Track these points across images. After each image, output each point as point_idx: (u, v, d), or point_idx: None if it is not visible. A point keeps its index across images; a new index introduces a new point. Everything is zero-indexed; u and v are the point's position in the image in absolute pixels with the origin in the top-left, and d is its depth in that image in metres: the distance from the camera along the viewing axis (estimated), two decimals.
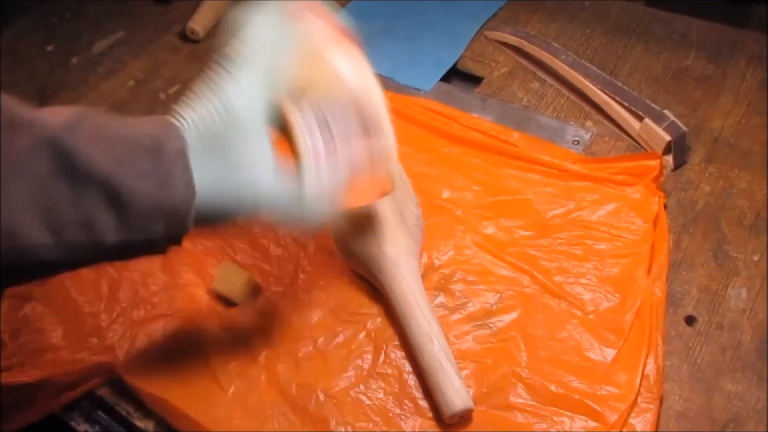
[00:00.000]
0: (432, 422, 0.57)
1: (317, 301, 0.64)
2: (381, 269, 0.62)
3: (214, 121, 0.47)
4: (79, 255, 0.44)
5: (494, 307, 0.63)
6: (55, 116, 0.44)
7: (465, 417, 0.56)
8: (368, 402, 0.58)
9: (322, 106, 0.50)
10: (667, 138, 0.72)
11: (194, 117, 0.47)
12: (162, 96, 0.88)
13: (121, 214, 0.43)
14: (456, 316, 0.63)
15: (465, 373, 0.59)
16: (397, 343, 0.61)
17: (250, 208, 0.48)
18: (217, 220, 0.48)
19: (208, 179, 0.46)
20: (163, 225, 0.45)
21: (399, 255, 0.62)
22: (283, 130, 0.50)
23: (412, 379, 0.59)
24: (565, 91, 0.82)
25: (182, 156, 0.45)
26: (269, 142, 0.48)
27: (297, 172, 0.48)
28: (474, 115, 0.79)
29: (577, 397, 0.56)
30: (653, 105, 0.75)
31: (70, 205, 0.42)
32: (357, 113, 0.51)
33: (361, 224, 0.65)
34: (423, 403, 0.58)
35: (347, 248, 0.64)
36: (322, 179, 0.49)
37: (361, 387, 0.59)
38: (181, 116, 0.47)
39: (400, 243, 0.63)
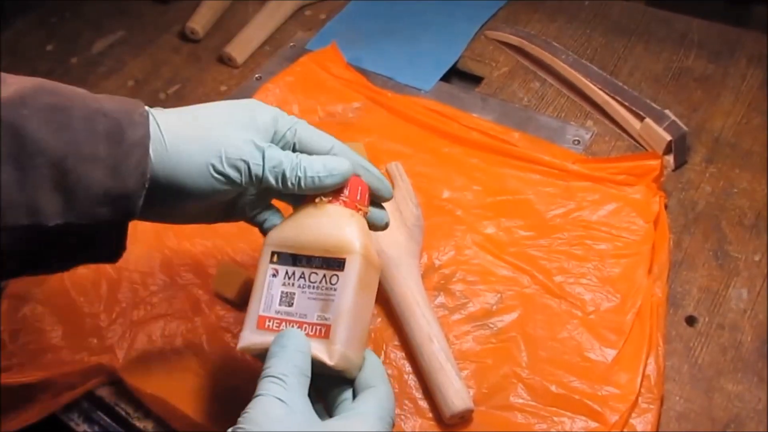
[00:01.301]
0: (432, 422, 0.57)
1: None
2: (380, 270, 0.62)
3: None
4: (16, 239, 0.42)
5: (494, 307, 0.63)
6: (11, 86, 0.42)
7: (465, 417, 0.56)
8: None
9: None
10: (668, 138, 0.72)
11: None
12: (162, 96, 0.88)
13: (67, 197, 0.42)
14: (456, 317, 0.63)
15: (465, 373, 0.58)
16: (397, 343, 0.61)
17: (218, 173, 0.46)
18: (176, 198, 0.46)
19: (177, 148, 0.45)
20: (109, 210, 0.43)
21: (399, 255, 0.62)
22: None
23: (412, 380, 0.59)
24: (565, 90, 0.82)
25: (142, 145, 0.44)
26: None
27: None
28: (474, 115, 0.79)
29: (577, 397, 0.56)
30: (654, 105, 0.75)
31: (16, 186, 0.40)
32: None
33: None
34: (423, 404, 0.57)
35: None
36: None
37: None
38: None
39: (400, 243, 0.63)
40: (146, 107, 0.46)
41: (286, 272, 0.48)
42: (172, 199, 0.47)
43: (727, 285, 0.64)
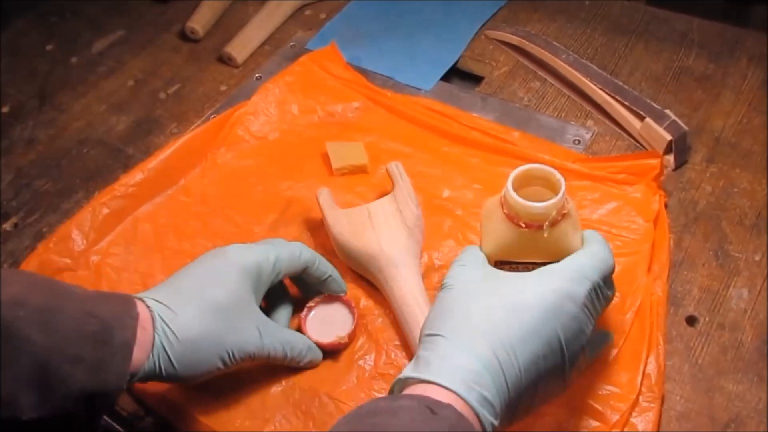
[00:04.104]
0: None
1: None
2: (381, 269, 0.62)
3: None
4: None
5: None
6: (9, 287, 0.45)
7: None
8: None
9: None
10: (668, 137, 0.72)
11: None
12: (162, 95, 0.88)
13: (44, 394, 0.44)
14: None
15: None
16: (397, 342, 0.61)
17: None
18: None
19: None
20: (85, 406, 0.46)
21: (399, 255, 0.62)
22: None
23: None
24: (565, 90, 0.82)
25: (127, 346, 0.47)
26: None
27: None
28: (474, 114, 0.79)
29: (578, 396, 0.56)
30: (654, 104, 0.75)
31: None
32: None
33: (361, 224, 0.65)
34: None
35: (347, 248, 0.64)
36: None
37: (364, 388, 0.59)
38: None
39: (400, 243, 0.63)
40: (145, 299, 0.51)
41: None
42: (176, 381, 0.53)
43: (727, 285, 0.64)
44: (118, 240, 0.70)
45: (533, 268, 0.55)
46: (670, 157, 0.73)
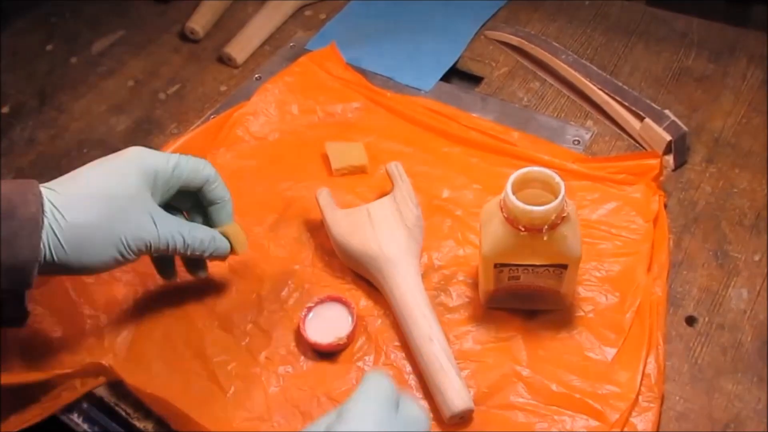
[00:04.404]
0: (432, 423, 0.56)
1: None
2: (381, 269, 0.62)
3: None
4: None
5: None
6: None
7: (465, 417, 0.56)
8: None
9: None
10: (668, 138, 0.72)
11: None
12: (161, 96, 0.88)
13: None
14: (456, 316, 0.62)
15: (465, 373, 0.58)
16: (397, 343, 0.61)
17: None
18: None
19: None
20: (5, 281, 0.49)
21: (399, 255, 0.62)
22: None
23: (412, 380, 0.59)
24: (565, 90, 0.82)
25: (33, 220, 0.49)
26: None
27: None
28: (474, 114, 0.79)
29: (577, 396, 0.56)
30: (654, 105, 0.75)
31: None
32: None
33: (361, 224, 0.65)
34: (423, 404, 0.57)
35: (347, 249, 0.64)
36: None
37: None
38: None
39: (400, 243, 0.63)
40: (40, 187, 0.52)
41: None
42: (77, 272, 0.54)
43: (727, 285, 0.64)
44: None
45: (533, 271, 0.56)
46: (670, 158, 0.73)
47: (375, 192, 0.72)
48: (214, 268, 0.66)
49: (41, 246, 0.50)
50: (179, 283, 0.66)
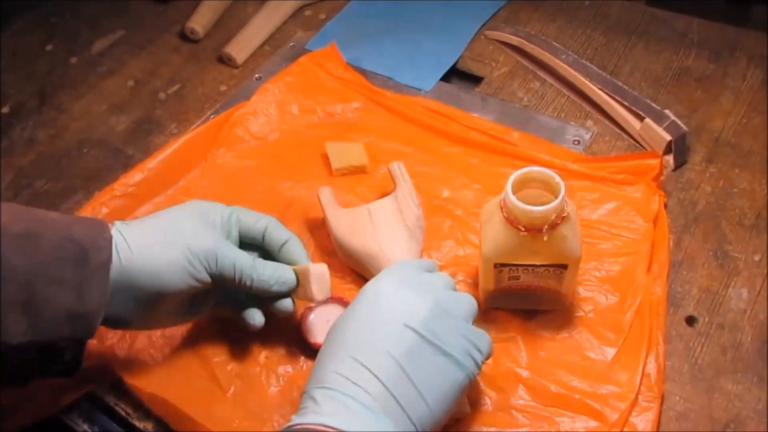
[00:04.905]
0: None
1: None
2: (380, 270, 0.62)
3: None
4: None
5: None
6: None
7: (462, 419, 0.56)
8: None
9: None
10: (668, 138, 0.72)
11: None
12: (162, 96, 0.88)
13: (31, 316, 0.46)
14: None
15: None
16: None
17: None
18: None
19: None
20: (70, 328, 0.48)
21: (399, 256, 0.62)
22: None
23: None
24: (565, 90, 0.82)
25: (104, 268, 0.49)
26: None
27: None
28: (474, 114, 0.79)
29: (577, 396, 0.56)
30: (654, 105, 0.75)
31: None
32: None
33: (362, 224, 0.64)
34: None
35: (347, 248, 0.64)
36: None
37: None
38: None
39: (401, 244, 0.63)
40: (111, 230, 0.52)
41: None
42: (144, 298, 0.52)
43: (727, 285, 0.64)
44: None
45: (533, 271, 0.56)
46: (670, 158, 0.73)
47: (375, 192, 0.72)
48: None
49: (109, 292, 0.50)
50: None
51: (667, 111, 0.74)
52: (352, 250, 0.64)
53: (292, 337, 0.62)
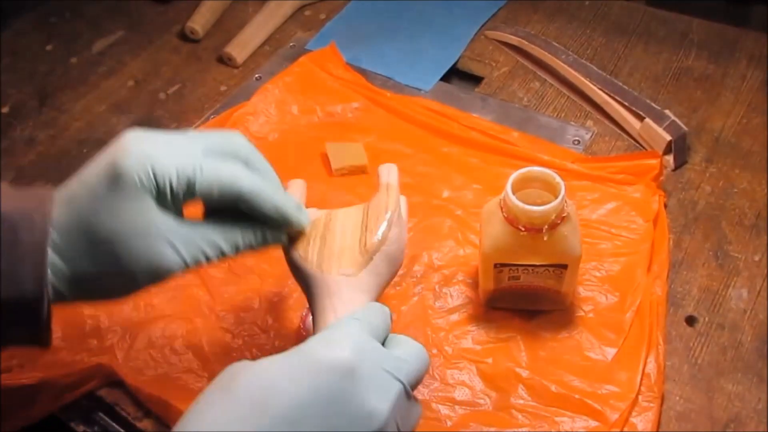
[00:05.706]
0: (433, 423, 0.56)
1: None
2: (313, 295, 0.47)
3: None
4: None
5: None
6: None
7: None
8: None
9: None
10: (668, 138, 0.72)
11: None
12: (161, 96, 0.88)
13: None
14: (456, 316, 0.62)
15: (465, 373, 0.58)
16: None
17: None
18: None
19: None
20: (11, 321, 0.42)
21: (340, 287, 0.46)
22: None
23: None
24: (565, 90, 0.82)
25: (39, 248, 0.41)
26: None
27: None
28: (474, 114, 0.79)
29: (577, 396, 0.56)
30: (654, 105, 0.75)
31: None
32: None
33: (313, 232, 0.51)
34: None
35: (291, 258, 0.50)
36: None
37: None
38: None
39: (347, 271, 0.47)
40: (51, 203, 0.44)
41: None
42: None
43: (727, 285, 0.64)
44: None
45: (533, 270, 0.56)
46: (670, 158, 0.73)
47: (374, 193, 0.72)
48: (214, 269, 0.66)
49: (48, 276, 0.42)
50: (179, 283, 0.66)
51: (667, 111, 0.74)
52: (294, 262, 0.49)
53: (292, 336, 0.62)
